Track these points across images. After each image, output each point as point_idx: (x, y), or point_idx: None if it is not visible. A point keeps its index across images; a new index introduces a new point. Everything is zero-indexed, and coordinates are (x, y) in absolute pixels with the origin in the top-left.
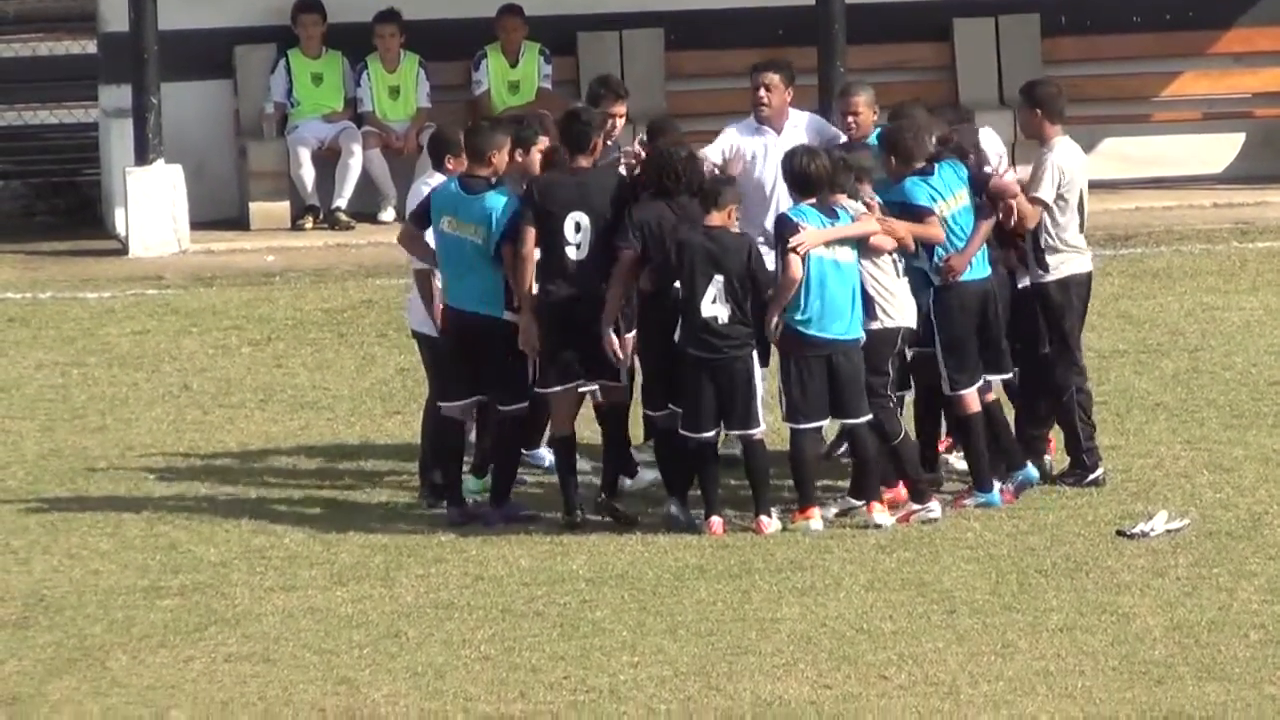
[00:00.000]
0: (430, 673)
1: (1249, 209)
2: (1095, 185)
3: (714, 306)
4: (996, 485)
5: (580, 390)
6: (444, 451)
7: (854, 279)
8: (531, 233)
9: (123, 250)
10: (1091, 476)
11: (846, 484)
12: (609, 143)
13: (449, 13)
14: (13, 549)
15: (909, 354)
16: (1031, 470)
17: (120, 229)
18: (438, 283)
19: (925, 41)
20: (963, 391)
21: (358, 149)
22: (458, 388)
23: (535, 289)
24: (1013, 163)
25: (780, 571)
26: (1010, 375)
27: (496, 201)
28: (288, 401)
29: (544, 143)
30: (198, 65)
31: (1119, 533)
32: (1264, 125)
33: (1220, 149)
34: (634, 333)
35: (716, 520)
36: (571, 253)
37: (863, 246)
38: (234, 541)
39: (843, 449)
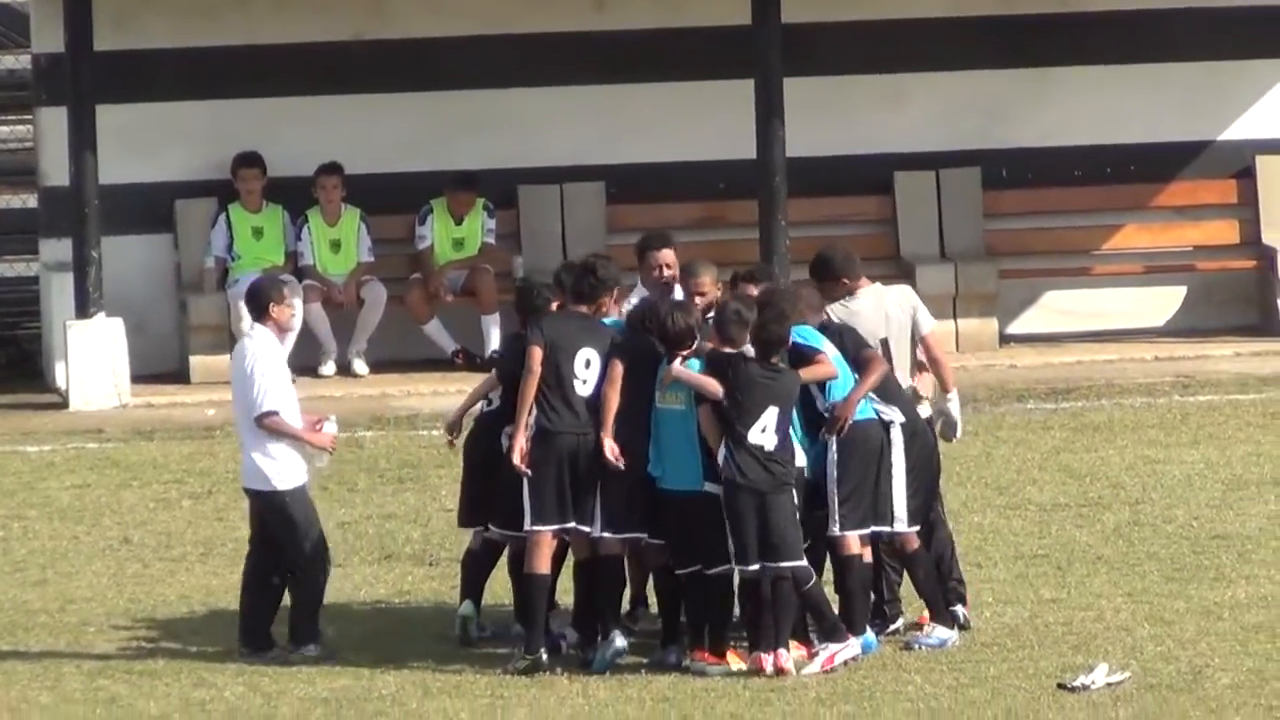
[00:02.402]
0: None
1: (1190, 362)
2: (1037, 338)
3: (763, 435)
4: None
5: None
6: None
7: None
8: (539, 353)
9: (63, 404)
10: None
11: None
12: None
13: (392, 167)
14: None
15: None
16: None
17: (60, 382)
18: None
19: (866, 195)
20: (846, 533)
21: (298, 303)
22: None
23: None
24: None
25: None
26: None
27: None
28: (229, 555)
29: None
30: (138, 219)
31: (1060, 685)
32: (1205, 278)
33: (1162, 302)
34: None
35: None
36: (580, 388)
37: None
38: (174, 695)
39: None
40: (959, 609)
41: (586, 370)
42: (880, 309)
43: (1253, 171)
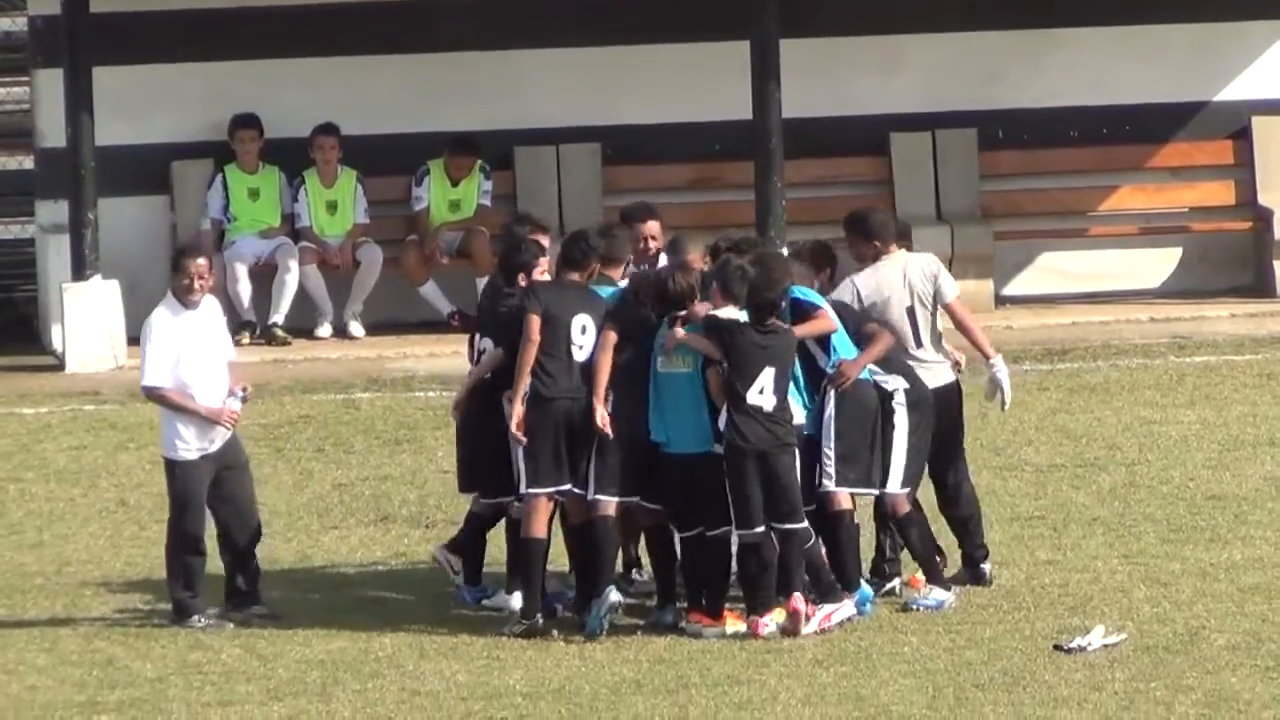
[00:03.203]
0: None
1: (1186, 323)
2: (1033, 299)
3: (761, 397)
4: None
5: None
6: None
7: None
8: (537, 321)
9: (59, 365)
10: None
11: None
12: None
13: (388, 128)
14: None
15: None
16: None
17: (57, 344)
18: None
19: (862, 155)
20: (837, 489)
21: (294, 265)
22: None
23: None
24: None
25: (717, 686)
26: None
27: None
28: None
29: (544, 265)
30: (135, 181)
31: (1056, 647)
32: (1201, 239)
33: (1157, 263)
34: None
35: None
36: (577, 353)
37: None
38: (170, 657)
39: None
40: (985, 566)
41: (583, 336)
42: (904, 276)
43: (1249, 132)
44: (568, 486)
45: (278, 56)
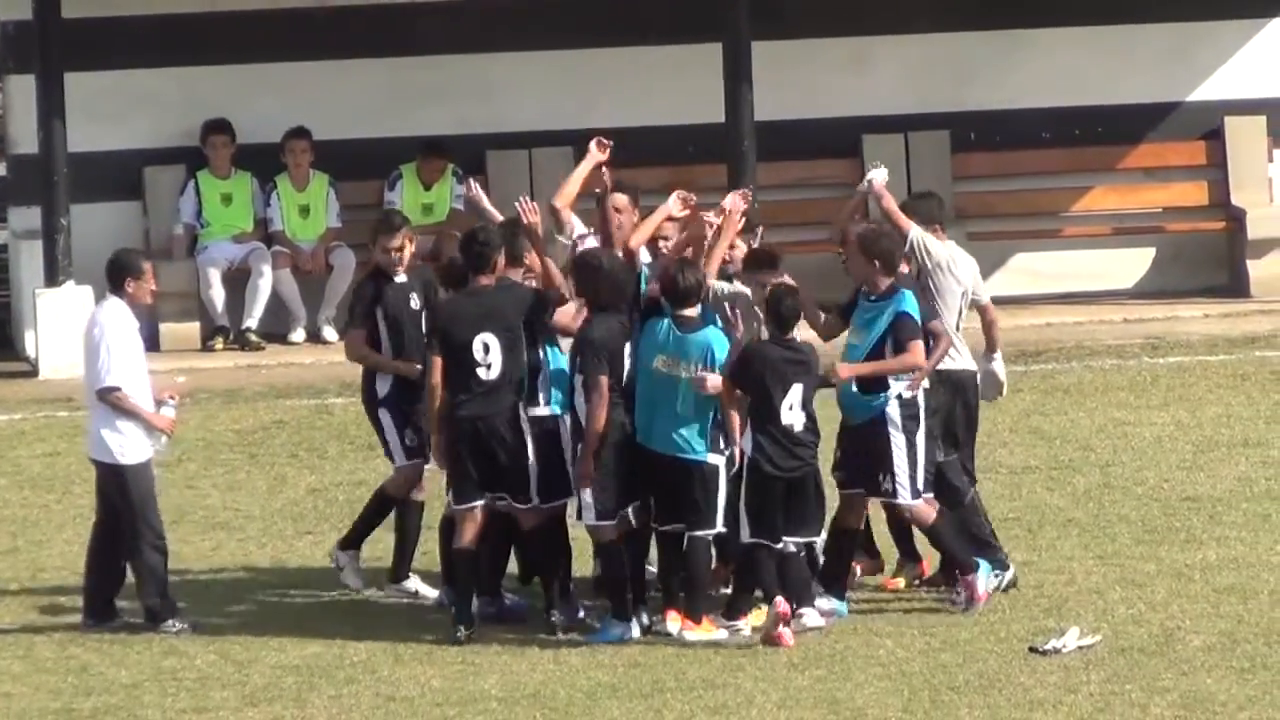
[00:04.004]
0: None
1: (1159, 324)
2: (1006, 300)
3: (791, 414)
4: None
5: (490, 507)
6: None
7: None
8: (439, 363)
9: (33, 372)
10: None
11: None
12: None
13: (360, 132)
14: None
15: None
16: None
17: (30, 350)
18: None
19: (834, 158)
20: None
21: (267, 269)
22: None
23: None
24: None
25: (692, 690)
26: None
27: None
28: (199, 522)
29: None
30: (107, 186)
31: (1031, 649)
32: (1174, 240)
33: (1131, 264)
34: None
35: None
36: (482, 373)
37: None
38: (145, 663)
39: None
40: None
41: (486, 355)
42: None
43: (1221, 133)
44: (488, 498)
45: (250, 61)
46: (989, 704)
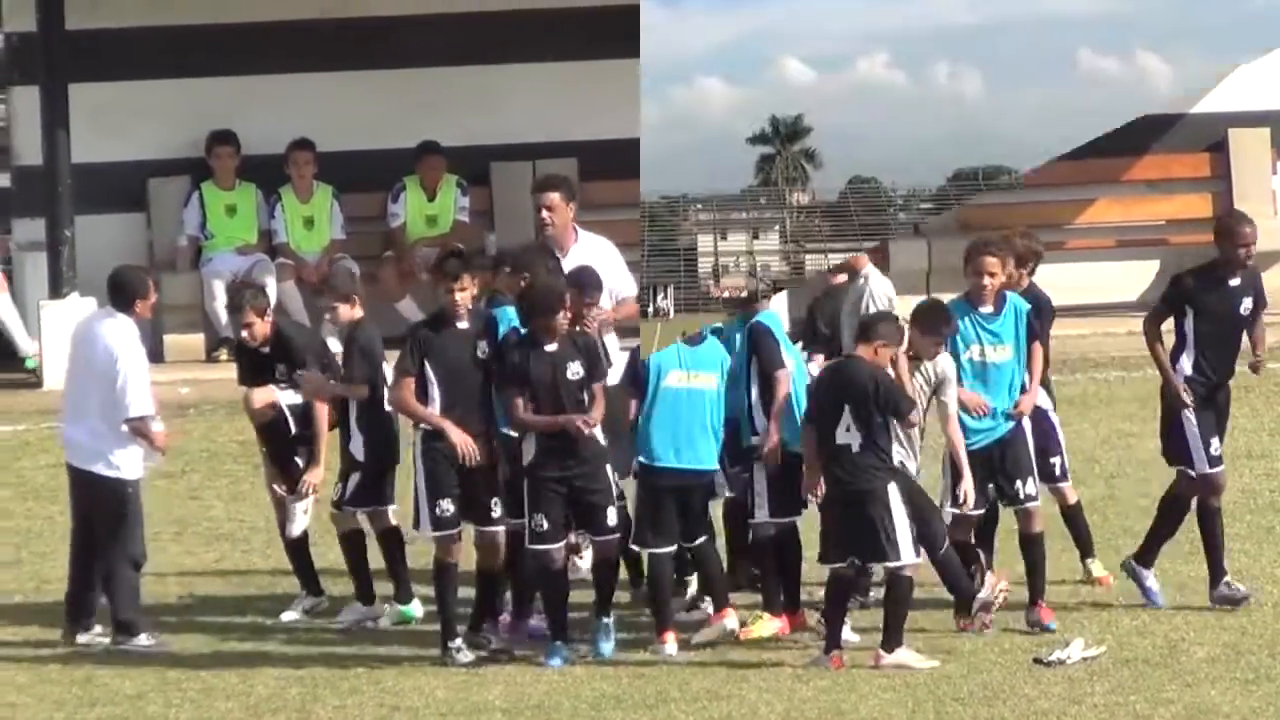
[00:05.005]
0: None
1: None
2: None
3: (848, 435)
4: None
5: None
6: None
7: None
8: (409, 382)
9: (37, 383)
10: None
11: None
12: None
13: (364, 144)
14: None
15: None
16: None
17: (34, 362)
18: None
19: None
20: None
21: (272, 281)
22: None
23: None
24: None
25: (696, 701)
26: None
27: None
28: (203, 533)
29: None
30: (111, 198)
31: (1036, 660)
32: (1178, 251)
33: (1135, 276)
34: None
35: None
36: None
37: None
38: (149, 674)
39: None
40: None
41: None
42: None
43: (1225, 145)
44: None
45: (253, 73)
46: (993, 715)
